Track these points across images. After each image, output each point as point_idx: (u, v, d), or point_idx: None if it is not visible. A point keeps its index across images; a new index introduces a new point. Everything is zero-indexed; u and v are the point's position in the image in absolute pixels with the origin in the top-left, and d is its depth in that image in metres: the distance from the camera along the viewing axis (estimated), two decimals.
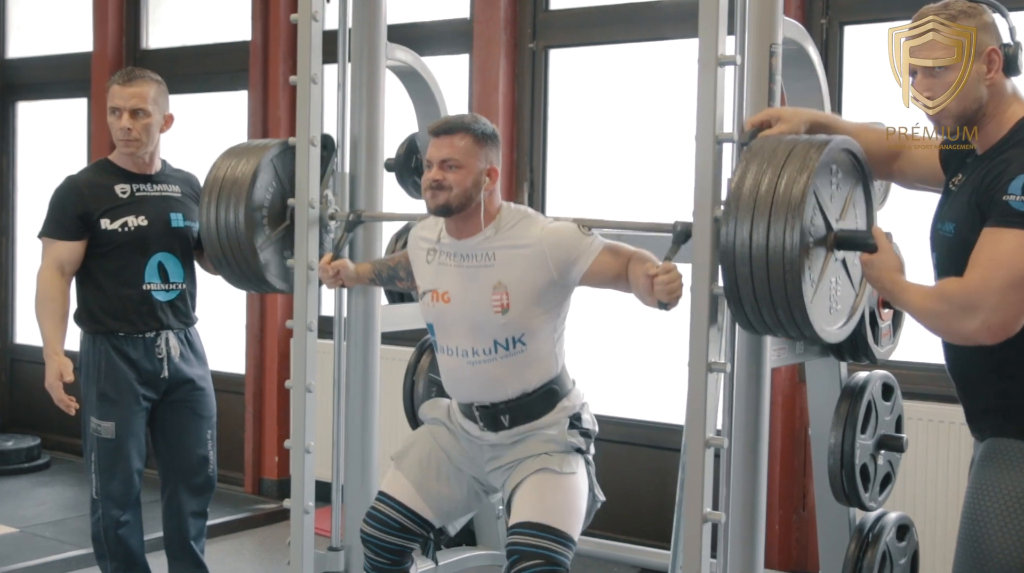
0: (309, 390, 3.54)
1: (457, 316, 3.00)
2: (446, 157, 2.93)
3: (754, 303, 2.60)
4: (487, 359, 2.98)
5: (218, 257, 3.56)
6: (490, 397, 3.02)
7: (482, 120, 3.00)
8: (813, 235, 2.57)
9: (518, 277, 2.93)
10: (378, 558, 3.09)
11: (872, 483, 3.33)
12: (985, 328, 2.29)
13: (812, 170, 2.52)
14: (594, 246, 2.92)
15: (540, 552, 2.84)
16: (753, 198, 2.56)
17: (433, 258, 3.07)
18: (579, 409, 3.07)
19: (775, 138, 2.66)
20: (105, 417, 3.68)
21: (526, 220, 2.98)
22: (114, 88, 3.71)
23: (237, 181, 3.50)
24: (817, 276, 2.61)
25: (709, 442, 2.77)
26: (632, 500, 4.77)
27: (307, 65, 3.49)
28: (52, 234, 3.70)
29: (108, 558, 3.77)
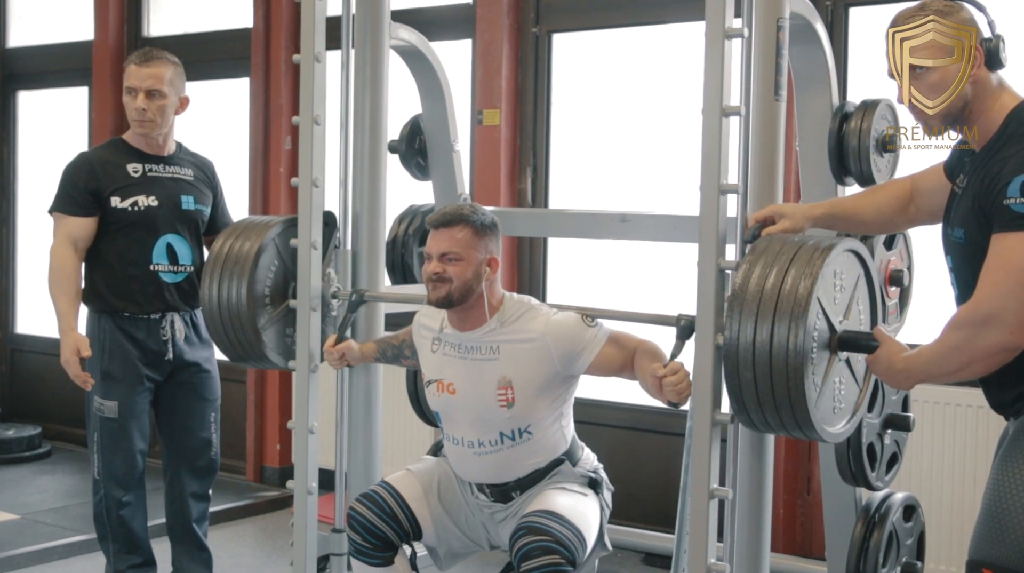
0: (313, 370, 3.51)
1: (462, 408, 3.02)
2: (446, 250, 2.94)
3: (758, 406, 2.60)
4: (493, 450, 3.01)
5: (219, 333, 3.51)
6: (499, 480, 3.05)
7: (480, 210, 3.00)
8: (817, 339, 2.56)
9: (523, 372, 2.94)
10: (362, 542, 3.05)
11: (879, 463, 3.32)
12: (1009, 333, 2.26)
13: (816, 275, 2.52)
14: (598, 338, 2.94)
15: (548, 529, 2.81)
16: (757, 299, 2.55)
17: (437, 348, 3.08)
18: (591, 473, 3.10)
19: (780, 238, 2.65)
20: (108, 396, 3.67)
21: (530, 313, 2.99)
22: (131, 68, 3.70)
23: (240, 259, 3.46)
24: (821, 379, 2.60)
25: (716, 418, 2.76)
26: (636, 485, 4.76)
27: (311, 43, 3.46)
28: (64, 209, 3.69)
29: (110, 539, 3.75)
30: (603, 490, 3.11)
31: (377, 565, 3.08)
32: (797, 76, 3.28)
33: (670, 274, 4.50)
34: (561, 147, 5.03)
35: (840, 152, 3.22)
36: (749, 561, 2.95)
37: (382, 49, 3.67)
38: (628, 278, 4.84)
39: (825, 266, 2.55)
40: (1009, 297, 2.25)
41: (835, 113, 3.23)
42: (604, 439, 4.91)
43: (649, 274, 4.74)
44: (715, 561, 2.78)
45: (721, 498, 2.79)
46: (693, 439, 2.80)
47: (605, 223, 3.72)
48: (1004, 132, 2.37)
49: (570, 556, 2.80)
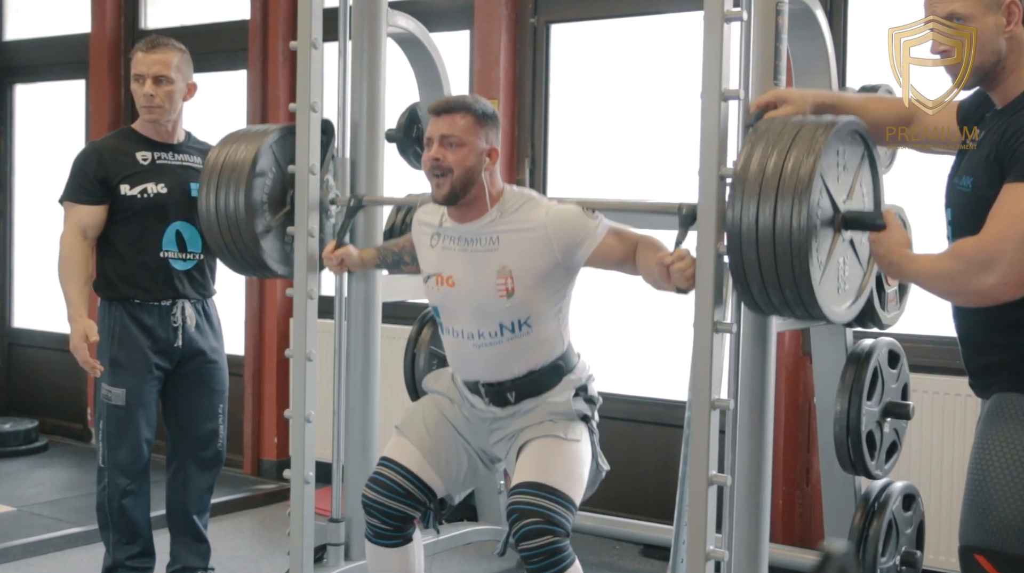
0: (309, 359, 3.51)
1: (462, 300, 2.99)
2: (446, 133, 2.91)
3: (761, 285, 2.59)
4: (493, 342, 2.97)
5: (218, 244, 3.54)
6: (496, 376, 3.01)
7: (482, 100, 2.98)
8: (820, 217, 2.55)
9: (523, 261, 2.91)
10: (381, 525, 3.05)
11: (878, 451, 3.31)
12: (1004, 283, 2.24)
13: (819, 152, 2.50)
14: (599, 229, 2.91)
15: (540, 510, 2.82)
16: (759, 179, 2.55)
17: (437, 242, 3.05)
18: (585, 381, 3.05)
19: (781, 119, 2.64)
20: (116, 383, 3.66)
21: (530, 203, 2.97)
22: (138, 55, 3.70)
23: (237, 166, 3.47)
24: (825, 257, 2.59)
25: (715, 403, 2.75)
26: (635, 477, 4.74)
27: (308, 30, 3.46)
28: (73, 198, 3.69)
29: (111, 529, 3.73)
30: (593, 419, 3.06)
31: (395, 546, 3.08)
32: (796, 62, 3.27)
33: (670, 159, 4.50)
34: (559, 138, 5.01)
35: None
36: (748, 549, 2.94)
37: (379, 37, 3.67)
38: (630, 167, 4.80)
39: (828, 143, 2.52)
40: (1012, 248, 2.22)
41: None
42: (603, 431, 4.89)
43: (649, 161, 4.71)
44: (714, 548, 2.77)
45: (720, 485, 2.79)
46: (691, 424, 2.79)
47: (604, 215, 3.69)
48: None
49: (563, 530, 2.84)
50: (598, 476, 3.09)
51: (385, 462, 3.09)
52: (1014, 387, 2.35)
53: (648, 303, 4.72)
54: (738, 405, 2.88)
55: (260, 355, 5.72)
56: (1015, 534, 2.29)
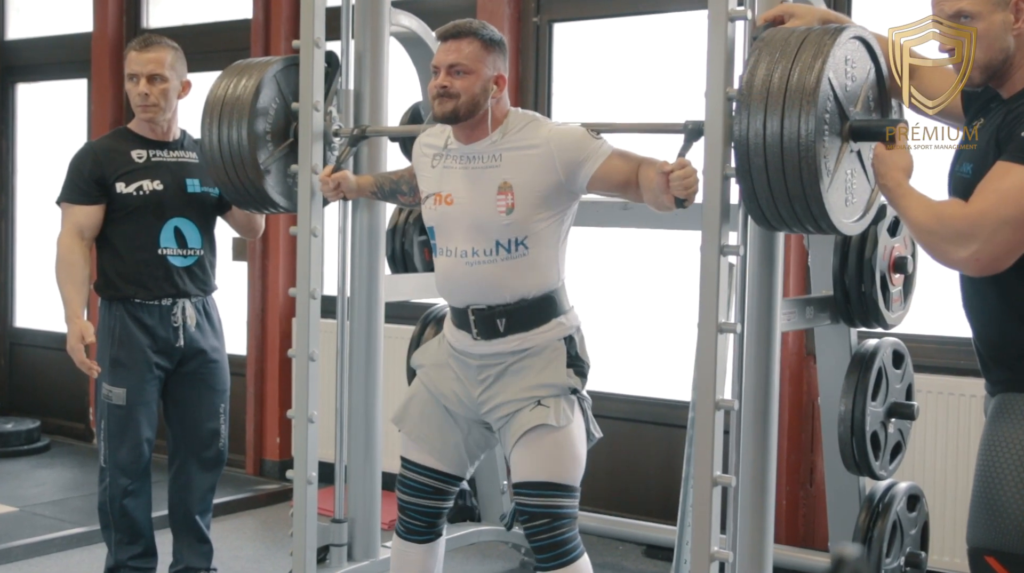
0: (312, 358, 3.50)
1: (460, 216, 2.94)
2: (454, 62, 2.87)
3: (769, 196, 2.56)
4: (487, 260, 2.91)
5: (220, 176, 3.53)
6: (487, 299, 2.93)
7: (490, 27, 2.94)
8: (828, 124, 2.51)
9: (524, 178, 2.88)
10: (415, 522, 3.08)
11: (883, 451, 3.30)
12: (974, 259, 2.25)
13: (826, 56, 2.48)
14: (603, 149, 2.88)
15: (546, 511, 2.85)
16: (766, 89, 2.52)
17: (438, 163, 3.01)
18: (574, 331, 2.99)
19: (788, 29, 2.63)
20: (117, 383, 3.65)
21: (534, 123, 2.94)
22: (131, 55, 3.69)
23: (239, 98, 3.45)
24: (833, 166, 2.55)
25: (719, 404, 2.74)
26: (638, 477, 4.74)
27: (310, 29, 3.45)
28: (70, 199, 3.68)
29: (112, 529, 3.73)
30: (583, 389, 3.00)
31: (426, 542, 3.10)
32: None
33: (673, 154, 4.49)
34: None
35: None
36: (752, 550, 2.93)
37: (382, 36, 3.65)
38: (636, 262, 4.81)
39: (836, 46, 2.49)
40: (995, 228, 2.21)
41: None
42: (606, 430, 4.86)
43: None
44: (718, 549, 2.76)
45: (724, 485, 2.78)
46: (695, 425, 2.78)
47: (607, 211, 3.70)
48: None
49: (571, 518, 2.88)
50: (591, 443, 3.05)
51: (406, 465, 3.10)
52: (1019, 387, 2.34)
53: (652, 302, 4.73)
54: (742, 406, 2.87)
55: (263, 355, 5.72)
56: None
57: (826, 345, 3.44)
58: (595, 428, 3.04)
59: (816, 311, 3.23)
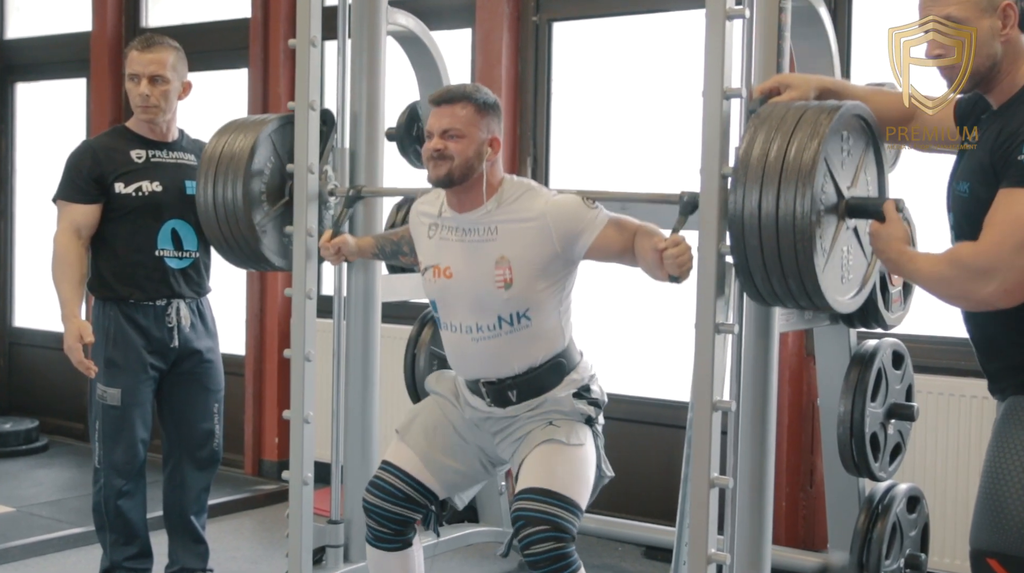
0: (308, 359, 3.48)
1: (460, 291, 2.94)
2: (447, 127, 2.87)
3: (764, 273, 2.55)
4: (491, 335, 2.92)
5: (215, 235, 3.51)
6: (496, 373, 2.96)
7: (483, 90, 2.94)
8: (824, 203, 2.51)
9: (521, 251, 2.87)
10: (380, 528, 3.03)
11: (882, 452, 3.28)
12: (1002, 291, 2.23)
13: (823, 136, 2.47)
14: (599, 219, 2.87)
15: (546, 517, 2.78)
16: (762, 165, 2.51)
17: (435, 233, 3.01)
18: (587, 381, 3.00)
19: (784, 104, 2.61)
20: (111, 384, 3.63)
21: (530, 193, 2.92)
22: (132, 55, 3.67)
23: (235, 157, 3.44)
24: (828, 245, 2.56)
25: (716, 405, 2.72)
26: (638, 478, 4.71)
27: (307, 28, 3.43)
28: (67, 197, 3.66)
29: (107, 530, 3.71)
30: (597, 421, 3.02)
31: (396, 550, 3.06)
32: (799, 59, 3.24)
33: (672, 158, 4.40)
34: (562, 136, 4.98)
35: None
36: (750, 552, 2.91)
37: (379, 35, 3.64)
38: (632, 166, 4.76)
39: (832, 126, 2.49)
40: (1011, 256, 2.20)
41: None
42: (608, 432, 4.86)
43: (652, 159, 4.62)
44: (715, 551, 2.74)
45: (722, 487, 2.76)
46: (693, 426, 2.76)
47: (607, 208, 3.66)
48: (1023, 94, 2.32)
49: (569, 536, 2.81)
50: (600, 481, 3.04)
51: (385, 466, 3.06)
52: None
53: (651, 303, 4.70)
54: (740, 406, 2.85)
55: (261, 355, 5.70)
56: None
57: (825, 346, 3.42)
58: (607, 467, 3.04)
59: (815, 312, 3.21)
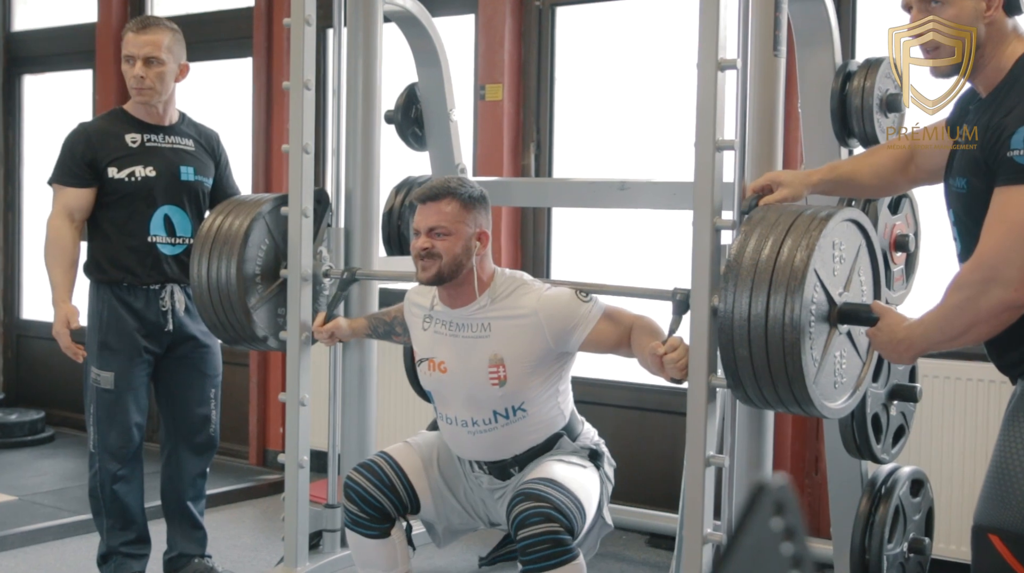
0: (305, 341, 3.45)
1: (454, 387, 2.95)
2: (434, 225, 2.86)
3: (754, 381, 2.54)
4: (487, 429, 2.94)
5: (209, 316, 3.48)
6: (495, 457, 2.98)
7: (468, 183, 2.93)
8: (815, 312, 2.49)
9: (514, 349, 2.86)
10: (360, 513, 3.00)
11: (884, 434, 3.22)
12: (1013, 289, 2.16)
13: (812, 246, 2.45)
14: (592, 314, 2.86)
15: (546, 496, 2.74)
16: (752, 271, 2.49)
17: (429, 326, 3.01)
18: (592, 446, 3.03)
19: (777, 207, 2.59)
20: (105, 367, 3.61)
21: (522, 288, 2.92)
22: (128, 36, 3.64)
23: (229, 238, 3.40)
24: (820, 353, 2.53)
25: (712, 383, 2.68)
26: (642, 466, 4.67)
27: (301, 7, 3.40)
28: (61, 181, 3.64)
29: (104, 515, 3.69)
30: (604, 464, 3.02)
31: (373, 537, 3.02)
32: (798, 34, 3.18)
33: (673, 249, 4.40)
34: (565, 121, 4.94)
35: (843, 112, 3.12)
36: None
37: (376, 14, 3.60)
38: (630, 253, 4.74)
39: (823, 236, 2.47)
40: (1012, 253, 2.15)
41: (837, 72, 3.13)
42: (608, 419, 4.82)
43: (651, 249, 4.63)
44: (711, 532, 2.69)
45: (718, 466, 2.71)
46: (688, 405, 2.71)
47: (604, 191, 3.63)
48: (1010, 80, 2.27)
49: (568, 524, 2.73)
50: (601, 531, 3.03)
51: (381, 454, 3.06)
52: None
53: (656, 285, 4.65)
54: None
55: None
56: None
57: None
58: (607, 516, 3.02)
59: None
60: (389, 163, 3.85)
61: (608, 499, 3.03)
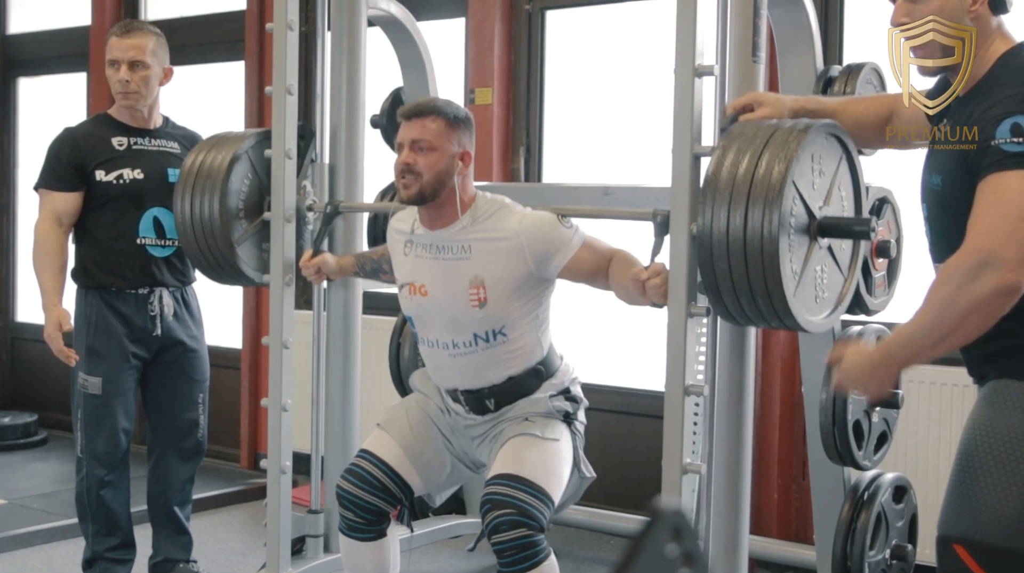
0: (286, 346, 3.46)
1: (435, 310, 2.93)
2: (417, 138, 2.85)
3: (733, 295, 2.52)
4: (468, 351, 2.92)
5: (193, 251, 3.49)
6: (474, 384, 2.95)
7: (455, 104, 2.93)
8: (794, 225, 2.47)
9: (495, 270, 2.85)
10: (355, 518, 2.99)
11: (866, 441, 3.22)
12: (1009, 270, 2.05)
13: (791, 159, 2.44)
14: (574, 241, 2.85)
15: (513, 502, 2.74)
16: (730, 185, 2.48)
17: (410, 250, 2.99)
18: (568, 384, 2.99)
19: (755, 123, 2.58)
20: (92, 372, 3.61)
21: (503, 210, 2.90)
22: (112, 40, 3.65)
23: (212, 173, 3.41)
24: (800, 266, 2.52)
25: (689, 389, 2.67)
26: (630, 470, 4.66)
27: (283, 12, 3.42)
28: (48, 185, 3.64)
29: (90, 520, 3.69)
30: (576, 419, 2.98)
31: (370, 540, 3.02)
32: (779, 39, 3.18)
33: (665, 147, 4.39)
34: (555, 126, 4.93)
35: None
36: (727, 541, 2.85)
37: (360, 19, 3.60)
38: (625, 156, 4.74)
39: (802, 148, 2.45)
40: (1007, 234, 2.06)
41: (819, 78, 3.13)
42: (598, 423, 4.79)
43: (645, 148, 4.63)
44: None
45: (695, 473, 2.70)
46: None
47: (588, 195, 3.63)
48: (991, 77, 2.24)
49: (538, 524, 2.75)
50: (582, 484, 3.01)
51: (363, 454, 3.03)
52: (1008, 373, 2.23)
53: None
54: (716, 392, 2.80)
55: (257, 348, 5.67)
56: (1000, 525, 2.17)
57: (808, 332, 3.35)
58: (587, 468, 2.99)
59: None
60: (377, 165, 3.85)
61: (583, 450, 2.98)
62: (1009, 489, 2.17)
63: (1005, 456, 2.19)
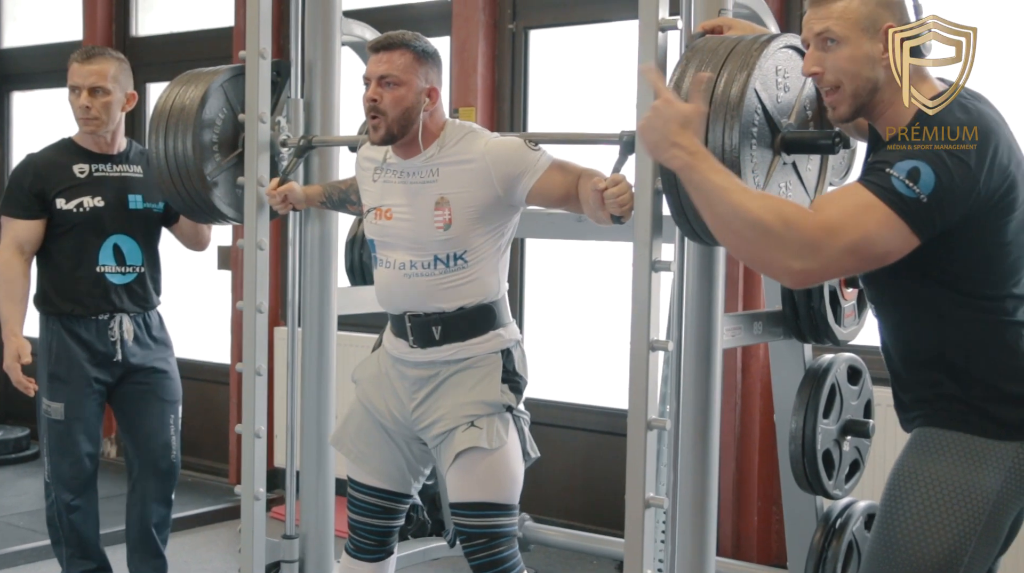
0: (259, 373, 3.46)
1: (399, 231, 2.92)
2: (384, 73, 2.83)
3: (695, 210, 2.46)
4: (425, 273, 2.89)
5: (168, 187, 3.46)
6: (424, 307, 2.91)
7: (423, 39, 2.90)
8: (757, 138, 2.43)
9: (461, 192, 2.84)
10: (365, 541, 3.07)
11: (837, 470, 3.20)
12: (805, 274, 2.09)
13: (752, 67, 2.40)
14: (541, 162, 2.83)
15: (484, 531, 2.86)
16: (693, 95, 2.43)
17: (379, 177, 2.99)
18: (512, 345, 2.95)
19: (718, 38, 2.54)
20: (55, 398, 3.63)
21: (471, 135, 2.89)
22: (73, 66, 3.67)
23: (185, 108, 3.40)
24: (763, 180, 2.47)
25: (651, 423, 2.66)
26: (610, 491, 4.65)
27: (256, 40, 3.40)
28: (10, 212, 3.65)
29: (63, 544, 3.71)
30: (518, 406, 2.95)
31: (377, 560, 3.09)
32: None
33: None
34: None
35: None
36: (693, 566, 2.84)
37: (333, 45, 3.59)
38: (605, 274, 4.74)
39: (763, 58, 2.42)
40: (839, 249, 2.05)
41: None
42: (581, 443, 4.81)
43: None
44: None
45: (657, 507, 2.70)
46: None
47: (562, 224, 3.63)
48: (911, 134, 2.14)
49: (508, 536, 2.90)
50: (527, 463, 3.00)
51: (353, 485, 3.08)
52: (934, 422, 2.24)
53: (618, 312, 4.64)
54: (680, 425, 2.79)
55: None
56: None
57: (780, 361, 3.35)
58: (532, 448, 3.00)
59: (767, 326, 3.14)
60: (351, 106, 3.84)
61: (528, 432, 2.98)
62: (929, 537, 2.17)
63: (926, 504, 2.18)
